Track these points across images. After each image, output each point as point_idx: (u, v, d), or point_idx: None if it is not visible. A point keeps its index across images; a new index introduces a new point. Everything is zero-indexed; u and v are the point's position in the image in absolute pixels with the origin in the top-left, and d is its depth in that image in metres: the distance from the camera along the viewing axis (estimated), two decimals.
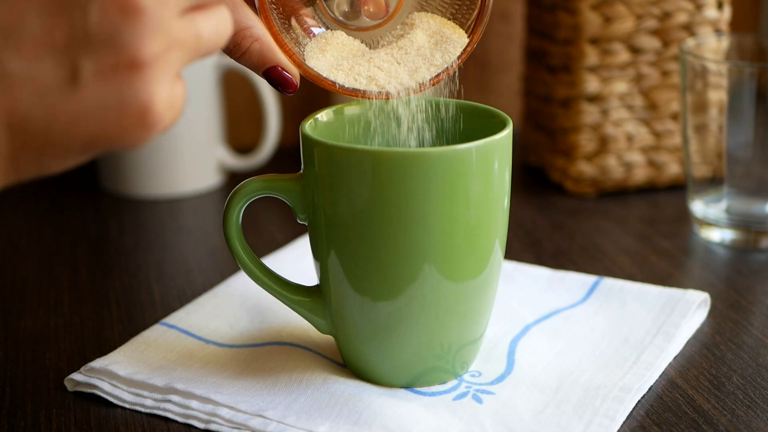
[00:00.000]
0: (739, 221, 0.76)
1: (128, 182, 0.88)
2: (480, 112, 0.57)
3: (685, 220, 0.81)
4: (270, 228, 0.80)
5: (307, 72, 0.53)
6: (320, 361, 0.58)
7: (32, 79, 0.37)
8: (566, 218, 0.82)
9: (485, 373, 0.57)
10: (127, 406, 0.55)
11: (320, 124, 0.57)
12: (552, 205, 0.85)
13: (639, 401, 0.55)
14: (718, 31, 0.85)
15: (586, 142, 0.85)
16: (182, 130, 0.87)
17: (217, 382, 0.56)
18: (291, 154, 0.71)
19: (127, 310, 0.67)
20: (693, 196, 0.78)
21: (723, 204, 0.77)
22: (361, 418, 0.53)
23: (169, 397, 0.55)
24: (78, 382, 0.57)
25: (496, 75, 1.02)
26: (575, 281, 0.68)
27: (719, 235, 0.77)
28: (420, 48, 0.54)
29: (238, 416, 0.53)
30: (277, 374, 0.57)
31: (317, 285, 0.57)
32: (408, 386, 0.56)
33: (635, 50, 0.84)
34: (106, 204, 0.87)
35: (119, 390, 0.56)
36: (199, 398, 0.54)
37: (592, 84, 0.84)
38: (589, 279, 0.68)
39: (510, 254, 0.73)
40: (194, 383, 0.55)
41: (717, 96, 0.74)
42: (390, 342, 0.55)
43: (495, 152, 0.53)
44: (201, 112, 0.88)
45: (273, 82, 0.52)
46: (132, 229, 0.82)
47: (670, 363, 0.59)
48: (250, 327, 0.62)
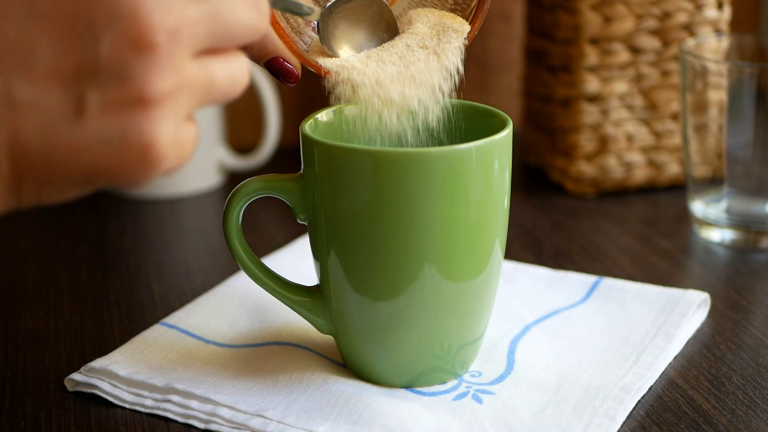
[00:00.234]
0: (739, 221, 0.76)
1: None
2: (480, 112, 0.57)
3: (685, 220, 0.81)
4: (270, 228, 0.80)
5: (308, 62, 0.53)
6: (320, 361, 0.58)
7: (38, 108, 0.36)
8: (566, 218, 0.82)
9: (485, 373, 0.57)
10: (127, 406, 0.55)
11: (320, 124, 0.57)
12: (552, 205, 0.85)
13: (639, 401, 0.55)
14: (718, 31, 0.85)
15: (586, 142, 0.85)
16: None
17: (217, 382, 0.56)
18: (291, 154, 0.71)
19: (127, 310, 0.67)
20: (693, 196, 0.78)
21: (723, 204, 0.77)
22: (361, 418, 0.53)
23: (169, 397, 0.55)
24: (78, 382, 0.57)
25: (496, 75, 1.02)
26: (575, 281, 0.68)
27: (719, 235, 0.77)
28: (422, 41, 0.54)
29: (238, 416, 0.53)
30: (277, 374, 0.57)
31: (317, 285, 0.57)
32: (408, 386, 0.56)
33: (635, 50, 0.84)
34: (106, 204, 0.87)
35: (119, 390, 0.56)
36: (199, 398, 0.54)
37: (592, 84, 0.84)
38: (589, 279, 0.68)
39: (510, 254, 0.73)
40: (194, 383, 0.55)
41: (717, 96, 0.74)
42: (390, 342, 0.55)
43: (495, 152, 0.53)
44: (201, 112, 0.88)
45: (274, 72, 0.52)
46: (132, 229, 0.82)
47: (670, 363, 0.59)
48: (250, 327, 0.62)
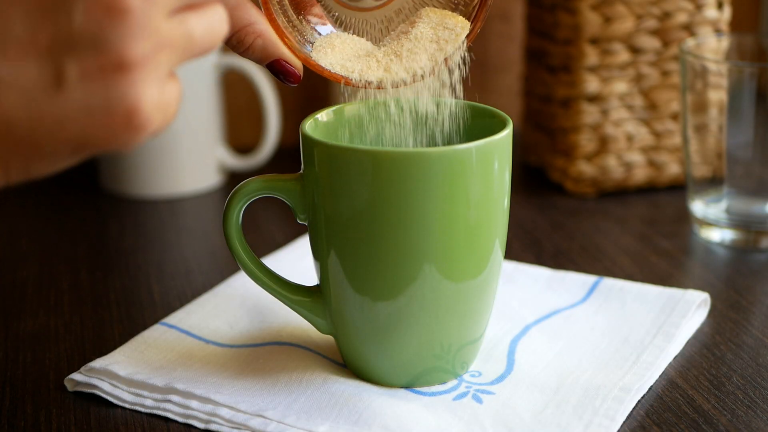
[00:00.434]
0: (739, 221, 0.76)
1: (128, 182, 0.88)
2: (480, 112, 0.57)
3: (685, 220, 0.81)
4: (270, 228, 0.80)
5: (311, 63, 0.53)
6: (320, 361, 0.58)
7: (17, 83, 0.36)
8: (566, 218, 0.82)
9: (485, 373, 0.57)
10: (127, 406, 0.55)
11: (320, 124, 0.57)
12: (552, 205, 0.85)
13: (639, 401, 0.55)
14: (718, 31, 0.85)
15: (586, 142, 0.85)
16: (182, 130, 0.87)
17: (217, 382, 0.56)
18: (291, 154, 0.71)
19: (127, 310, 0.67)
20: (693, 196, 0.78)
21: (723, 204, 0.77)
22: (361, 418, 0.53)
23: (169, 397, 0.55)
24: (78, 382, 0.57)
25: (496, 75, 1.02)
26: (575, 281, 0.68)
27: (719, 235, 0.77)
28: (423, 41, 0.54)
29: (238, 416, 0.53)
30: (277, 374, 0.57)
31: (317, 285, 0.57)
32: (408, 386, 0.56)
33: (635, 50, 0.84)
34: (106, 204, 0.87)
35: (119, 390, 0.56)
36: (199, 398, 0.54)
37: (592, 84, 0.84)
38: (589, 279, 0.68)
39: (510, 254, 0.73)
40: (194, 383, 0.55)
41: (717, 96, 0.74)
42: (390, 342, 0.55)
43: (495, 152, 0.53)
44: (201, 112, 0.88)
45: (276, 74, 0.52)
46: (132, 229, 0.82)
47: (670, 363, 0.59)
48: (250, 327, 0.62)
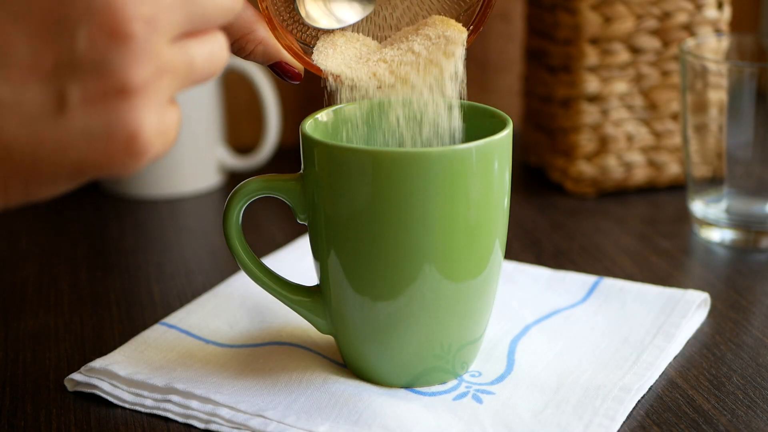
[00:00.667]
0: (739, 221, 0.76)
1: (128, 182, 0.88)
2: (480, 112, 0.57)
3: (685, 220, 0.81)
4: (270, 228, 0.80)
5: (312, 66, 0.54)
6: (320, 361, 0.58)
7: (18, 106, 0.36)
8: (566, 218, 0.82)
9: (485, 373, 0.57)
10: (127, 406, 0.55)
11: (320, 124, 0.57)
12: (552, 205, 0.85)
13: (639, 401, 0.55)
14: (718, 31, 0.85)
15: (586, 142, 0.85)
16: (182, 130, 0.86)
17: (217, 382, 0.56)
18: (291, 154, 0.71)
19: (127, 310, 0.67)
20: (693, 196, 0.78)
21: (723, 204, 0.77)
22: (361, 418, 0.53)
23: (169, 397, 0.55)
24: (78, 382, 0.57)
25: (496, 75, 1.02)
26: (575, 281, 0.68)
27: (719, 235, 0.77)
28: (424, 43, 0.54)
29: (238, 416, 0.53)
30: (277, 374, 0.57)
31: (317, 285, 0.57)
32: (408, 386, 0.56)
33: (635, 50, 0.84)
34: (106, 204, 0.87)
35: (119, 390, 0.56)
36: (199, 398, 0.54)
37: (592, 84, 0.84)
38: (589, 279, 0.68)
39: (510, 254, 0.73)
40: (194, 383, 0.55)
41: (717, 96, 0.74)
42: (390, 342, 0.55)
43: (495, 152, 0.53)
44: (201, 112, 0.88)
45: (278, 74, 0.53)
46: (132, 229, 0.82)
47: (670, 363, 0.59)
48: (250, 327, 0.62)
